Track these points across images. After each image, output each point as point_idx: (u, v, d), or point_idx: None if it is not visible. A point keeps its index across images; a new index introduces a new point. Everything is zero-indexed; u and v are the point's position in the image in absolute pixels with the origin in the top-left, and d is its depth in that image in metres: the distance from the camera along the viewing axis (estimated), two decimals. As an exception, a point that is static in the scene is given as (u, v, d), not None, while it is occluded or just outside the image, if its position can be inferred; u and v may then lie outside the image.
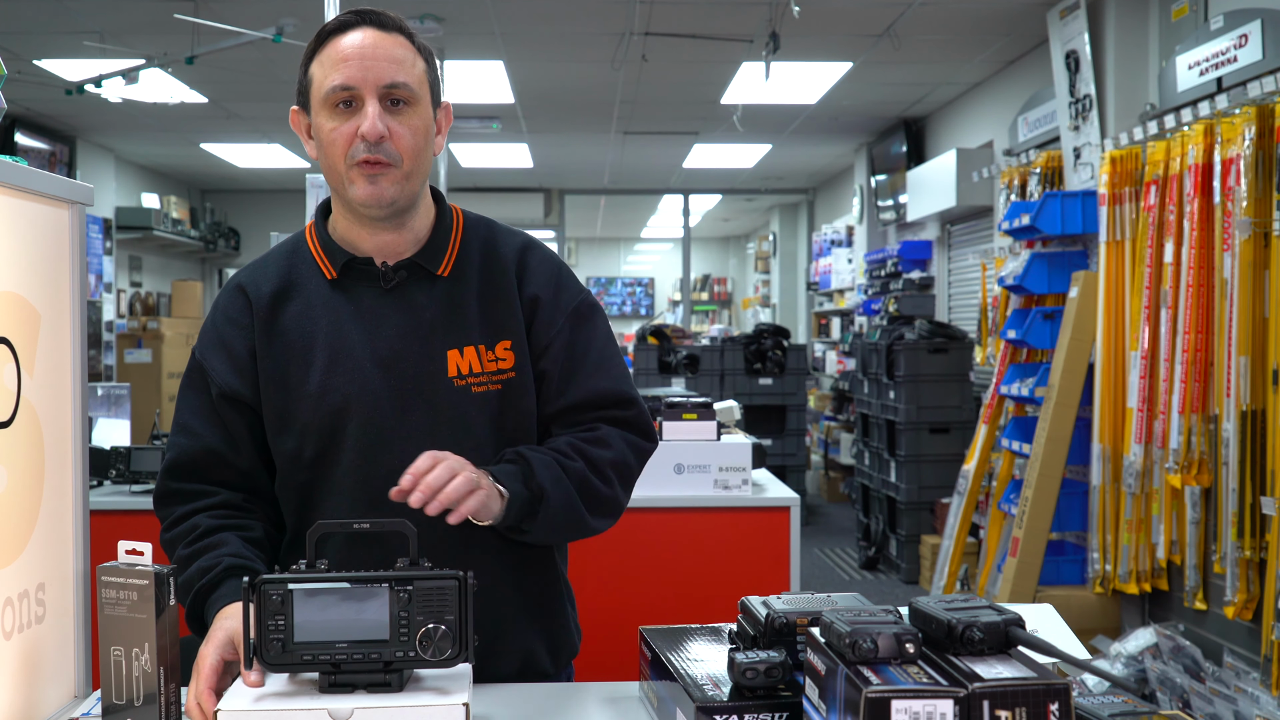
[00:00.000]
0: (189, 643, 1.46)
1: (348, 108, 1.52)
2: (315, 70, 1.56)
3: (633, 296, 17.62)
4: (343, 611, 1.28)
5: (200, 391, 1.61)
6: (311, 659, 1.28)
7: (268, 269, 1.64)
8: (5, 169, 1.46)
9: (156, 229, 9.75)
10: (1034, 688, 1.07)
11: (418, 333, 1.59)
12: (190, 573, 1.53)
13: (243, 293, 1.62)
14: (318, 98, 1.54)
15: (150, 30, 5.89)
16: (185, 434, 1.61)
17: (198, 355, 1.63)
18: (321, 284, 1.61)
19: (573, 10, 5.65)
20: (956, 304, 7.62)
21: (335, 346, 1.58)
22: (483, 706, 1.60)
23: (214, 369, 1.60)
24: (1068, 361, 4.83)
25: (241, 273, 1.67)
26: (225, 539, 1.55)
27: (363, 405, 1.57)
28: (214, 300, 1.68)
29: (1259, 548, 3.84)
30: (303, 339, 1.59)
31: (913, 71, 6.96)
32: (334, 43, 1.54)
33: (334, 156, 1.54)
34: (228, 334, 1.60)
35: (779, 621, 1.33)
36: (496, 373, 1.61)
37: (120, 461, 3.39)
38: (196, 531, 1.56)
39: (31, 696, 1.51)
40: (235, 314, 1.61)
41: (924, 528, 6.49)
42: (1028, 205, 5.20)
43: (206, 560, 1.53)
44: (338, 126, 1.52)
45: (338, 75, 1.52)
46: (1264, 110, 3.79)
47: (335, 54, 1.53)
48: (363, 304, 1.60)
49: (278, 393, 1.59)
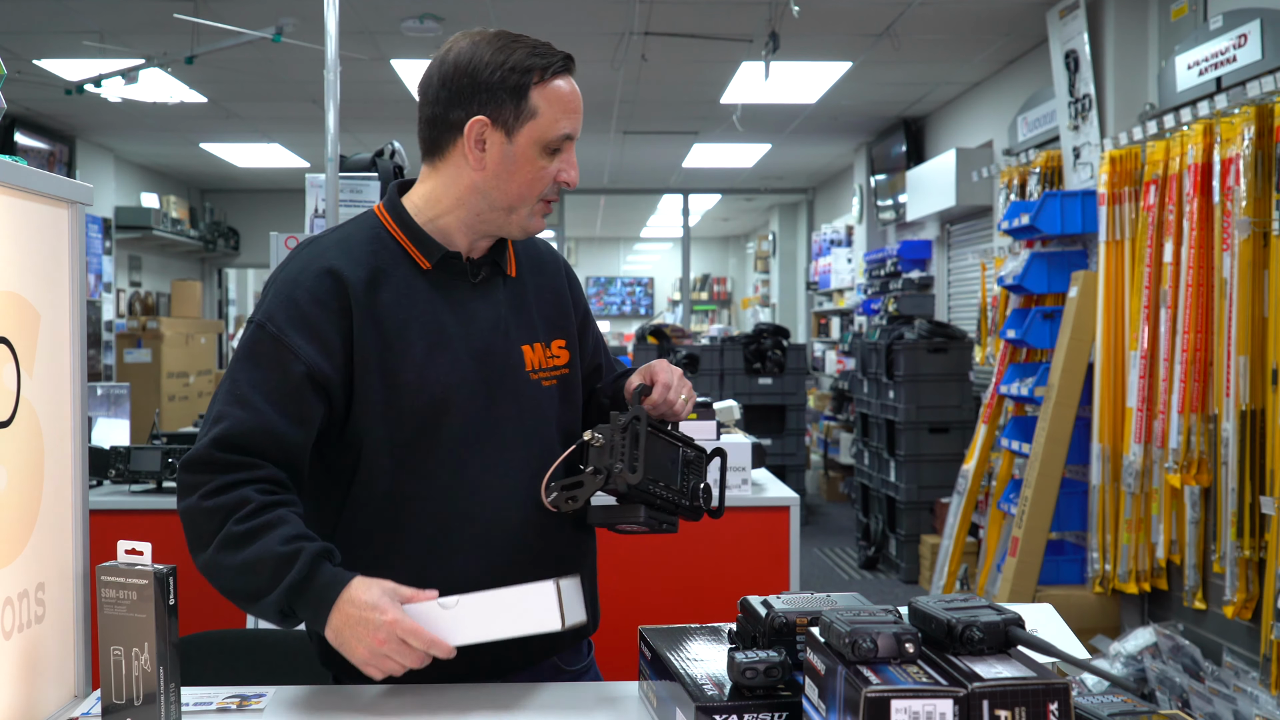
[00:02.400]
0: (189, 642, 1.46)
1: (557, 153, 1.61)
2: (541, 106, 1.59)
3: (632, 296, 17.62)
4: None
5: (272, 368, 1.54)
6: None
7: (354, 253, 1.60)
8: (5, 169, 1.45)
9: (156, 229, 9.75)
10: (1033, 687, 1.07)
11: (500, 327, 1.66)
12: (263, 555, 1.45)
13: (334, 276, 1.56)
14: (536, 134, 1.59)
15: (150, 30, 5.89)
16: (244, 407, 1.52)
17: (274, 331, 1.54)
18: (412, 273, 1.62)
19: (572, 10, 5.65)
20: (956, 304, 7.62)
21: (433, 336, 1.60)
22: (483, 706, 1.60)
23: (299, 348, 1.54)
24: (1067, 361, 4.83)
25: (320, 254, 1.60)
26: (284, 516, 1.50)
27: (461, 395, 1.60)
28: (284, 277, 1.59)
29: (1258, 547, 3.84)
30: (399, 326, 1.58)
31: (912, 71, 6.96)
32: (558, 86, 1.61)
33: (528, 188, 1.60)
34: (315, 315, 1.55)
35: (779, 621, 1.33)
36: (555, 369, 1.71)
37: (120, 461, 3.39)
38: (249, 506, 1.48)
39: (31, 696, 1.51)
40: (324, 296, 1.56)
41: (923, 527, 6.49)
42: (1027, 205, 5.20)
43: (279, 543, 1.46)
44: (547, 166, 1.60)
45: (568, 124, 1.61)
46: (1263, 110, 3.79)
47: (564, 100, 1.61)
48: (454, 296, 1.64)
49: (376, 379, 1.57)
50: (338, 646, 1.47)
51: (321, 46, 3.57)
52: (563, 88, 1.61)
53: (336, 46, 3.54)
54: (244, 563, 1.46)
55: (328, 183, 3.52)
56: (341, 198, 3.66)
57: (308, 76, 6.82)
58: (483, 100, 1.58)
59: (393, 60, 6.58)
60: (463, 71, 1.60)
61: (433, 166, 1.65)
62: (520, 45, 1.61)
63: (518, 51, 1.60)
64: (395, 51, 6.38)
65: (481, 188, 1.61)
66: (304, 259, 1.61)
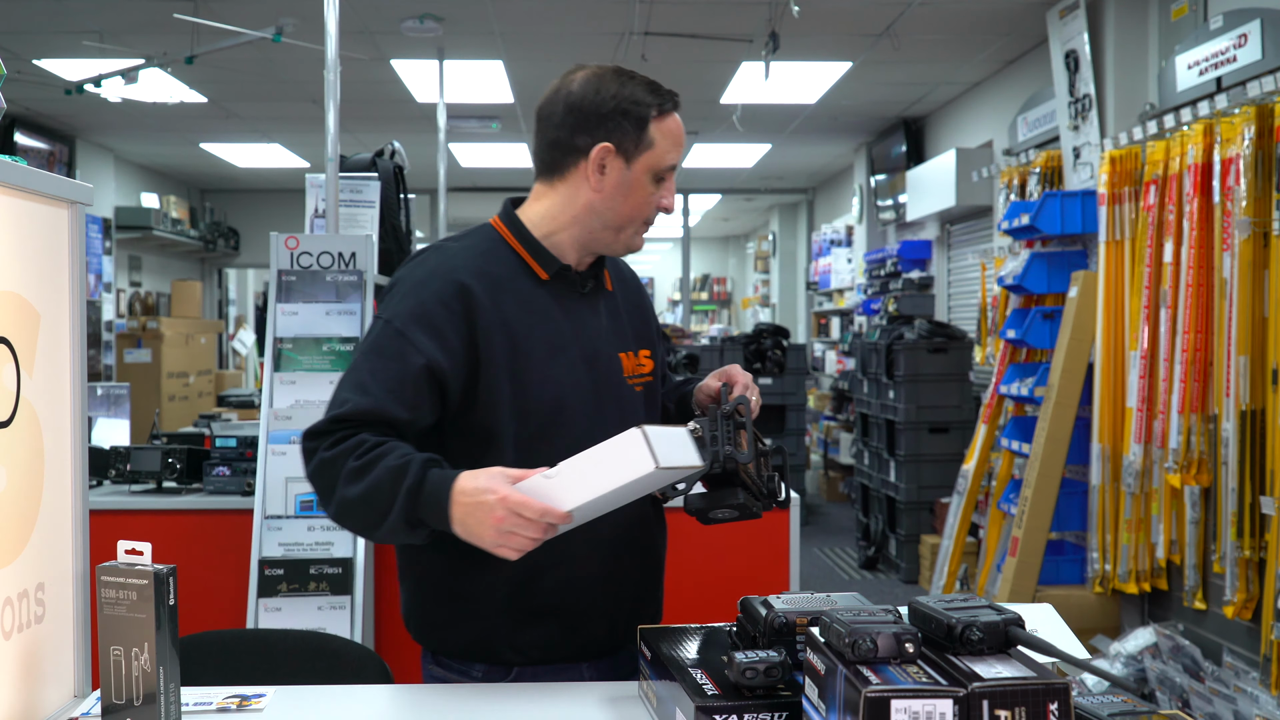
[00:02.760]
0: (189, 642, 1.46)
1: (662, 181, 1.77)
2: (658, 138, 1.74)
3: (632, 296, 17.58)
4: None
5: (393, 359, 1.66)
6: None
7: (475, 261, 1.73)
8: (5, 169, 1.45)
9: (156, 229, 9.75)
10: (1033, 687, 1.07)
11: (604, 335, 1.82)
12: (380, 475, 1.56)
13: (459, 284, 1.69)
14: (651, 163, 1.75)
15: (150, 30, 5.89)
16: (362, 393, 1.64)
17: (398, 326, 1.67)
18: (532, 284, 1.76)
19: (572, 10, 5.65)
20: (956, 304, 7.62)
21: (552, 342, 1.74)
22: (483, 706, 1.60)
23: (420, 342, 1.66)
24: (1067, 361, 4.83)
25: (447, 261, 1.73)
26: (394, 444, 1.61)
27: (575, 397, 1.75)
28: (413, 280, 1.72)
29: (1258, 547, 3.84)
30: (525, 332, 1.72)
31: (912, 71, 6.96)
32: (673, 121, 1.76)
33: (638, 210, 1.77)
34: (439, 316, 1.67)
35: (779, 621, 1.33)
36: (641, 376, 1.87)
37: (120, 461, 3.39)
38: (365, 445, 1.60)
39: (31, 696, 1.51)
40: (449, 299, 1.68)
41: (923, 527, 6.49)
42: (1027, 205, 5.20)
43: (393, 460, 1.57)
44: (655, 193, 1.77)
45: (675, 156, 1.77)
46: (1263, 110, 3.79)
47: (676, 134, 1.76)
48: (568, 306, 1.78)
49: (505, 379, 1.70)
50: (467, 538, 1.54)
51: (321, 46, 3.57)
52: (674, 123, 1.77)
53: (336, 46, 3.54)
54: (365, 489, 1.57)
55: (328, 183, 3.52)
56: (341, 198, 3.66)
57: (308, 76, 6.82)
58: (608, 129, 1.73)
59: (393, 60, 6.58)
60: (590, 102, 1.74)
61: (550, 185, 1.79)
62: (639, 81, 1.76)
63: (639, 88, 1.75)
64: (395, 51, 6.38)
65: (597, 208, 1.76)
66: (432, 265, 1.74)
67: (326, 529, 3.15)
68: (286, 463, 3.18)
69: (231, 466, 3.35)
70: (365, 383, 1.65)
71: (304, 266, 3.36)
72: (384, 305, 1.74)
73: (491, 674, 1.73)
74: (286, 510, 3.16)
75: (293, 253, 3.37)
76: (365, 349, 1.70)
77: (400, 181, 4.00)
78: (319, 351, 3.30)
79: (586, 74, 1.76)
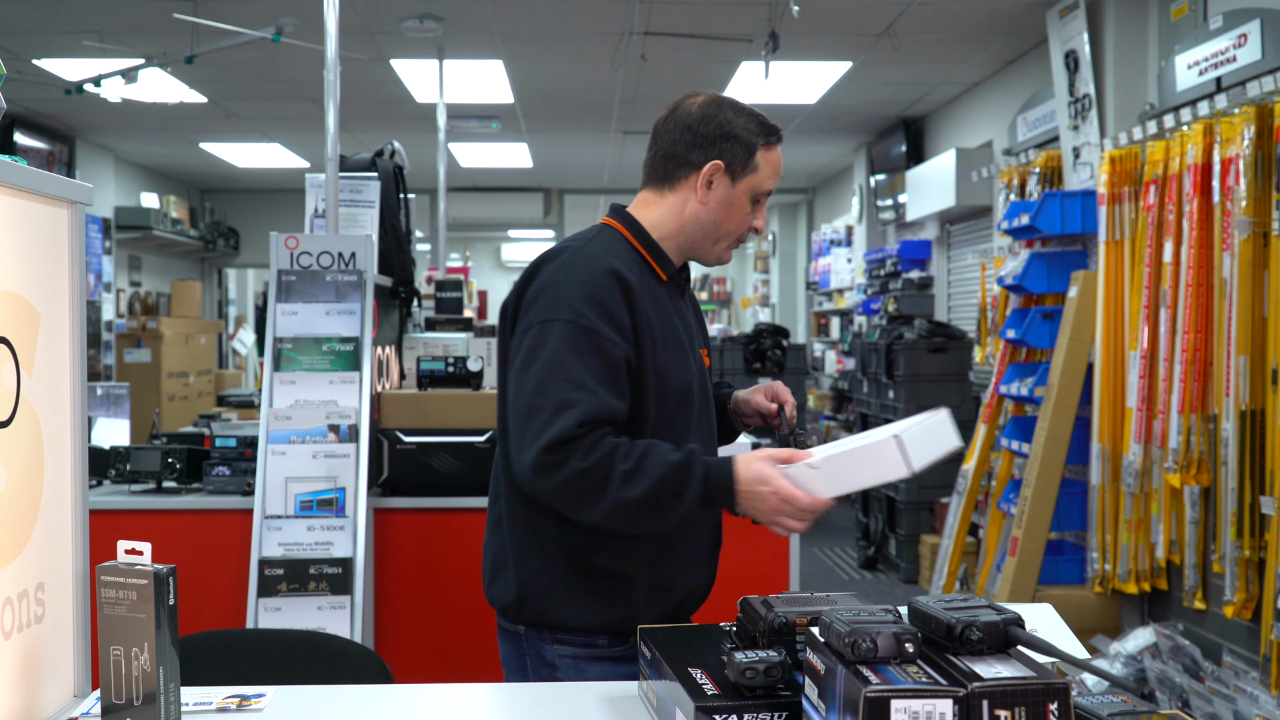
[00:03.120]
0: (189, 642, 1.46)
1: (757, 204, 1.95)
2: (762, 165, 1.93)
3: (632, 296, 17.60)
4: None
5: (591, 355, 1.78)
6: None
7: (623, 260, 1.88)
8: (4, 169, 1.45)
9: (156, 229, 9.74)
10: (1033, 687, 1.07)
11: (693, 333, 2.00)
12: (665, 471, 1.72)
13: (618, 278, 1.83)
14: (752, 185, 1.93)
15: (149, 30, 5.89)
16: (586, 392, 1.75)
17: (587, 324, 1.78)
18: (655, 283, 1.93)
19: (572, 10, 5.65)
20: (956, 304, 7.62)
21: (674, 337, 1.91)
22: (483, 705, 1.60)
23: (610, 336, 1.80)
24: (1067, 361, 4.83)
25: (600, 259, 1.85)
26: (651, 441, 1.78)
27: (692, 387, 1.93)
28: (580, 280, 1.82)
29: (1258, 547, 3.84)
30: (660, 324, 1.88)
31: (912, 71, 6.96)
32: (775, 153, 1.95)
33: (735, 226, 1.95)
34: (614, 309, 1.81)
35: (779, 621, 1.33)
36: (706, 371, 2.03)
37: (120, 461, 3.39)
38: (623, 448, 1.74)
39: (31, 696, 1.51)
40: (616, 293, 1.82)
41: (923, 527, 6.49)
42: (1027, 205, 5.20)
43: (670, 455, 1.74)
44: (750, 212, 1.95)
45: (773, 184, 1.95)
46: (1263, 110, 3.79)
47: (776, 164, 1.95)
48: (675, 305, 1.97)
49: (649, 367, 1.86)
50: (751, 513, 1.75)
51: (321, 46, 3.57)
52: (776, 155, 1.95)
53: (336, 46, 3.54)
54: (652, 485, 1.71)
55: (328, 183, 3.52)
56: (341, 198, 3.66)
57: (307, 76, 6.82)
58: (720, 149, 1.92)
59: (392, 60, 6.57)
60: (709, 123, 1.94)
61: (659, 194, 1.97)
62: (750, 113, 1.96)
63: (751, 118, 1.95)
64: (395, 51, 6.38)
65: (701, 219, 1.94)
66: (588, 264, 1.85)
67: (326, 529, 3.15)
68: (286, 462, 3.18)
69: (231, 466, 3.35)
70: (584, 382, 1.75)
71: (304, 266, 3.36)
72: (553, 307, 1.80)
73: (615, 643, 1.86)
74: (286, 510, 3.16)
75: (292, 253, 3.37)
76: (563, 350, 1.77)
77: (400, 181, 4.00)
78: (319, 351, 3.30)
79: (706, 99, 1.97)
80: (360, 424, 3.22)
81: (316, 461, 3.19)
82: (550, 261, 1.87)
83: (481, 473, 3.39)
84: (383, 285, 3.66)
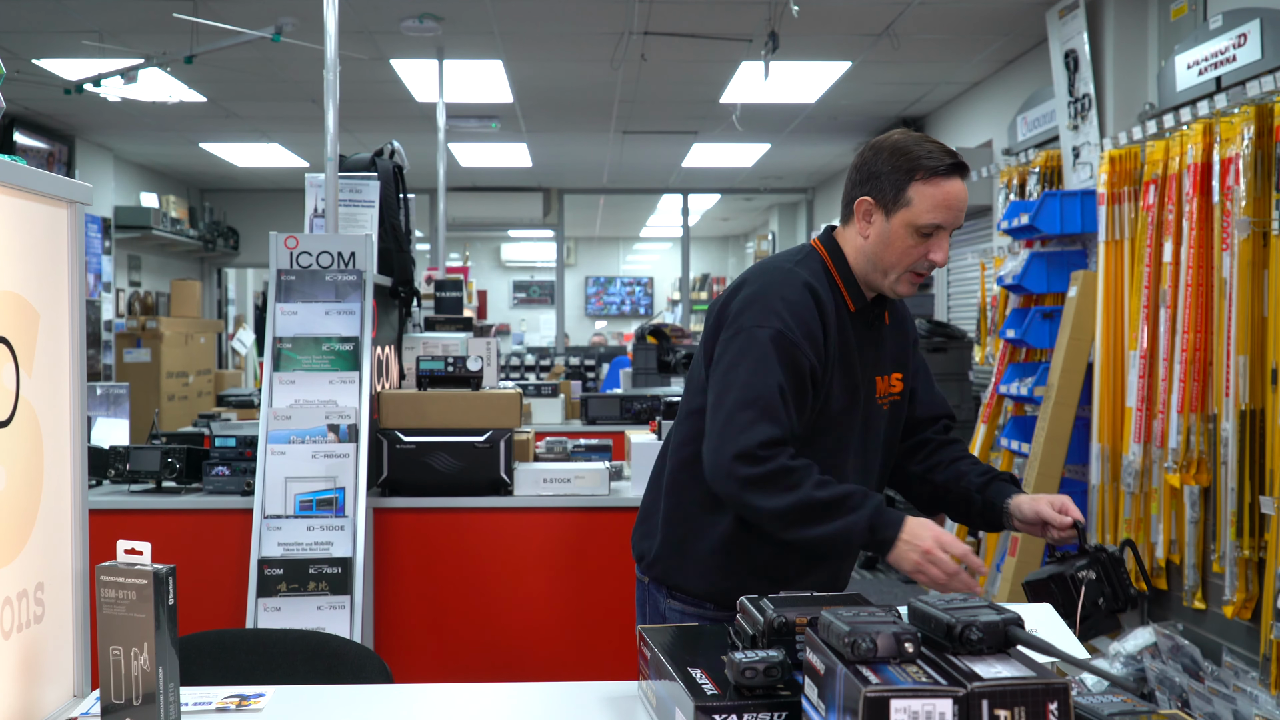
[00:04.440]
0: (188, 642, 1.46)
1: (929, 237, 1.98)
2: (916, 199, 1.96)
3: (632, 296, 17.61)
4: None
5: (784, 366, 1.96)
6: None
7: (822, 283, 2.04)
8: (4, 168, 1.45)
9: (155, 228, 9.74)
10: (1033, 687, 1.07)
11: (871, 363, 2.12)
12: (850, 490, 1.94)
13: (817, 299, 2.01)
14: (908, 219, 1.97)
15: (149, 29, 5.89)
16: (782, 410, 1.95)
17: (789, 336, 1.96)
18: (844, 310, 2.06)
19: (572, 9, 5.65)
20: (955, 303, 7.62)
21: (849, 360, 2.05)
22: (483, 706, 1.60)
23: (806, 352, 1.97)
24: (1067, 361, 4.83)
25: (806, 285, 2.02)
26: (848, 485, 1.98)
27: (847, 409, 2.07)
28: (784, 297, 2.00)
29: (1258, 547, 3.84)
30: (840, 347, 2.03)
31: (912, 71, 6.96)
32: (937, 186, 1.96)
33: (900, 259, 2.01)
34: (813, 326, 1.99)
35: (779, 621, 1.33)
36: (891, 395, 2.16)
37: (119, 461, 3.39)
38: (818, 474, 1.94)
39: (30, 696, 1.51)
40: (815, 312, 2.00)
41: (923, 527, 6.48)
42: (1027, 205, 5.19)
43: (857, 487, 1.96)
44: (916, 245, 1.99)
45: (939, 217, 1.97)
46: (1263, 110, 3.79)
47: (937, 197, 1.96)
48: (859, 333, 2.08)
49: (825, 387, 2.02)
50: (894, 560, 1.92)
51: (321, 46, 3.57)
52: (940, 187, 1.97)
53: (336, 46, 3.54)
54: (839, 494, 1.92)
55: (327, 182, 3.52)
56: (341, 197, 3.66)
57: (307, 76, 6.81)
58: (871, 185, 2.01)
59: (392, 60, 6.57)
60: (868, 161, 2.03)
61: (845, 226, 2.09)
62: (921, 147, 1.98)
63: (913, 152, 1.98)
64: (395, 51, 6.38)
65: (866, 251, 2.04)
66: (796, 285, 2.02)
67: (326, 529, 3.15)
68: (286, 462, 3.18)
69: (231, 466, 3.35)
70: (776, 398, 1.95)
71: (303, 266, 3.36)
72: (759, 317, 1.99)
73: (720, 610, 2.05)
74: (286, 510, 3.16)
75: (292, 252, 3.36)
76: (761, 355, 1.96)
77: (400, 181, 4.00)
78: (318, 351, 3.30)
79: (884, 137, 2.04)
80: (360, 424, 3.22)
81: (316, 461, 3.19)
82: (767, 277, 2.06)
83: (481, 473, 3.39)
84: (382, 285, 3.66)
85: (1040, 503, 2.05)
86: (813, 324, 1.99)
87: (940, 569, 1.88)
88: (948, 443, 2.30)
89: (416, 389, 3.51)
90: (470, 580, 3.36)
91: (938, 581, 1.89)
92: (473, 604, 3.36)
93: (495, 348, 4.13)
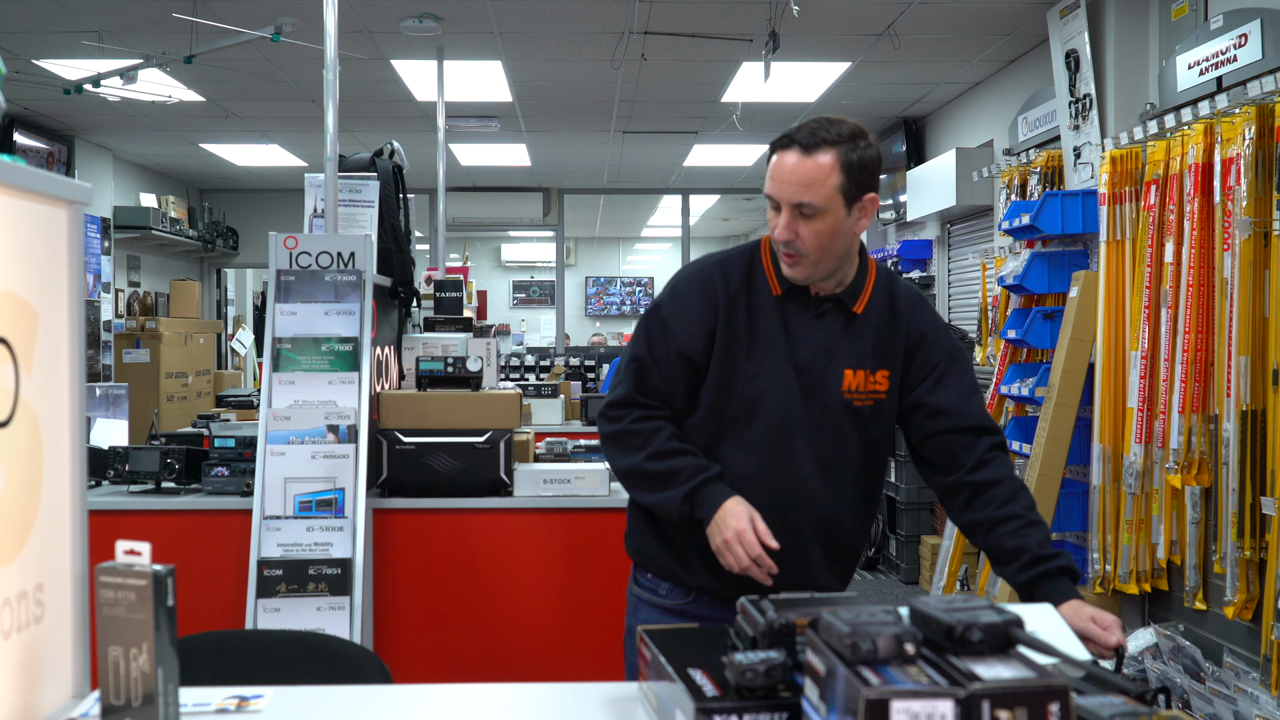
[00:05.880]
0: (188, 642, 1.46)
1: (777, 211, 2.02)
2: (768, 172, 2.03)
3: (632, 296, 17.60)
4: None
5: (658, 339, 2.10)
6: None
7: (735, 268, 2.11)
8: (3, 168, 1.45)
9: (155, 228, 9.74)
10: (1034, 688, 1.07)
11: (827, 350, 2.09)
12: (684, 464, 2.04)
13: (714, 281, 2.09)
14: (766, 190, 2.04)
15: (148, 29, 5.89)
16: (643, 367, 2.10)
17: (665, 314, 2.11)
18: (769, 296, 2.09)
19: (572, 9, 5.64)
20: (956, 304, 7.61)
21: (767, 346, 2.08)
22: (483, 706, 1.60)
23: (677, 329, 2.08)
24: (1068, 361, 4.82)
25: (715, 262, 2.13)
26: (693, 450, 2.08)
27: (775, 394, 2.08)
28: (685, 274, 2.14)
29: (1259, 548, 3.83)
30: (748, 334, 2.08)
31: (912, 71, 6.96)
32: (776, 157, 2.01)
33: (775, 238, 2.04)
34: (692, 305, 2.09)
35: (779, 622, 1.33)
36: (873, 392, 2.11)
37: (118, 461, 3.39)
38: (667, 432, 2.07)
39: (30, 697, 1.50)
40: (709, 294, 2.09)
41: (924, 528, 6.49)
42: (1028, 205, 5.19)
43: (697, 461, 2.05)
44: (774, 219, 2.03)
45: (769, 188, 2.02)
46: (1264, 110, 3.79)
47: (773, 170, 2.01)
48: (794, 321, 2.09)
49: (723, 367, 2.08)
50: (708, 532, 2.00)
51: (320, 46, 3.57)
52: (775, 160, 2.01)
53: (335, 46, 3.54)
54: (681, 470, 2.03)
55: (327, 182, 3.52)
56: (340, 197, 3.66)
57: (307, 76, 6.81)
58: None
59: (392, 60, 6.57)
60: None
61: None
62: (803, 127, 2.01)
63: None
64: (395, 51, 6.37)
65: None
66: (696, 268, 2.14)
67: (325, 529, 3.14)
68: (285, 463, 3.18)
69: (230, 467, 3.35)
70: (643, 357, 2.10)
71: (303, 266, 3.36)
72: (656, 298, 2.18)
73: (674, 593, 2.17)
74: (285, 511, 3.16)
75: (291, 253, 3.36)
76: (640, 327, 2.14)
77: (399, 181, 4.00)
78: (318, 351, 3.30)
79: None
80: (359, 424, 3.21)
81: (315, 462, 3.19)
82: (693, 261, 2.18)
83: (481, 473, 3.39)
84: (382, 285, 3.66)
85: (1084, 618, 1.85)
86: (693, 303, 2.09)
87: (735, 557, 1.95)
88: (982, 489, 2.06)
89: (416, 389, 3.51)
90: (470, 581, 3.36)
91: (733, 567, 1.97)
92: (472, 605, 3.35)
93: (495, 348, 4.13)
